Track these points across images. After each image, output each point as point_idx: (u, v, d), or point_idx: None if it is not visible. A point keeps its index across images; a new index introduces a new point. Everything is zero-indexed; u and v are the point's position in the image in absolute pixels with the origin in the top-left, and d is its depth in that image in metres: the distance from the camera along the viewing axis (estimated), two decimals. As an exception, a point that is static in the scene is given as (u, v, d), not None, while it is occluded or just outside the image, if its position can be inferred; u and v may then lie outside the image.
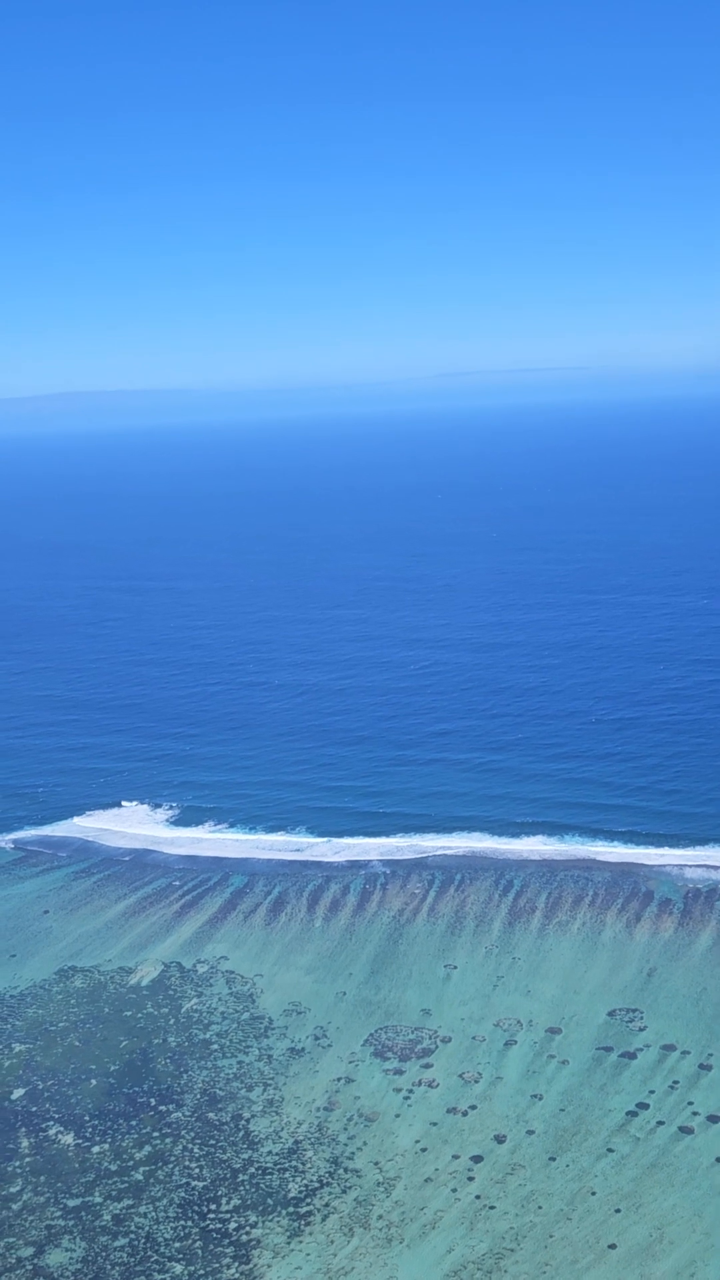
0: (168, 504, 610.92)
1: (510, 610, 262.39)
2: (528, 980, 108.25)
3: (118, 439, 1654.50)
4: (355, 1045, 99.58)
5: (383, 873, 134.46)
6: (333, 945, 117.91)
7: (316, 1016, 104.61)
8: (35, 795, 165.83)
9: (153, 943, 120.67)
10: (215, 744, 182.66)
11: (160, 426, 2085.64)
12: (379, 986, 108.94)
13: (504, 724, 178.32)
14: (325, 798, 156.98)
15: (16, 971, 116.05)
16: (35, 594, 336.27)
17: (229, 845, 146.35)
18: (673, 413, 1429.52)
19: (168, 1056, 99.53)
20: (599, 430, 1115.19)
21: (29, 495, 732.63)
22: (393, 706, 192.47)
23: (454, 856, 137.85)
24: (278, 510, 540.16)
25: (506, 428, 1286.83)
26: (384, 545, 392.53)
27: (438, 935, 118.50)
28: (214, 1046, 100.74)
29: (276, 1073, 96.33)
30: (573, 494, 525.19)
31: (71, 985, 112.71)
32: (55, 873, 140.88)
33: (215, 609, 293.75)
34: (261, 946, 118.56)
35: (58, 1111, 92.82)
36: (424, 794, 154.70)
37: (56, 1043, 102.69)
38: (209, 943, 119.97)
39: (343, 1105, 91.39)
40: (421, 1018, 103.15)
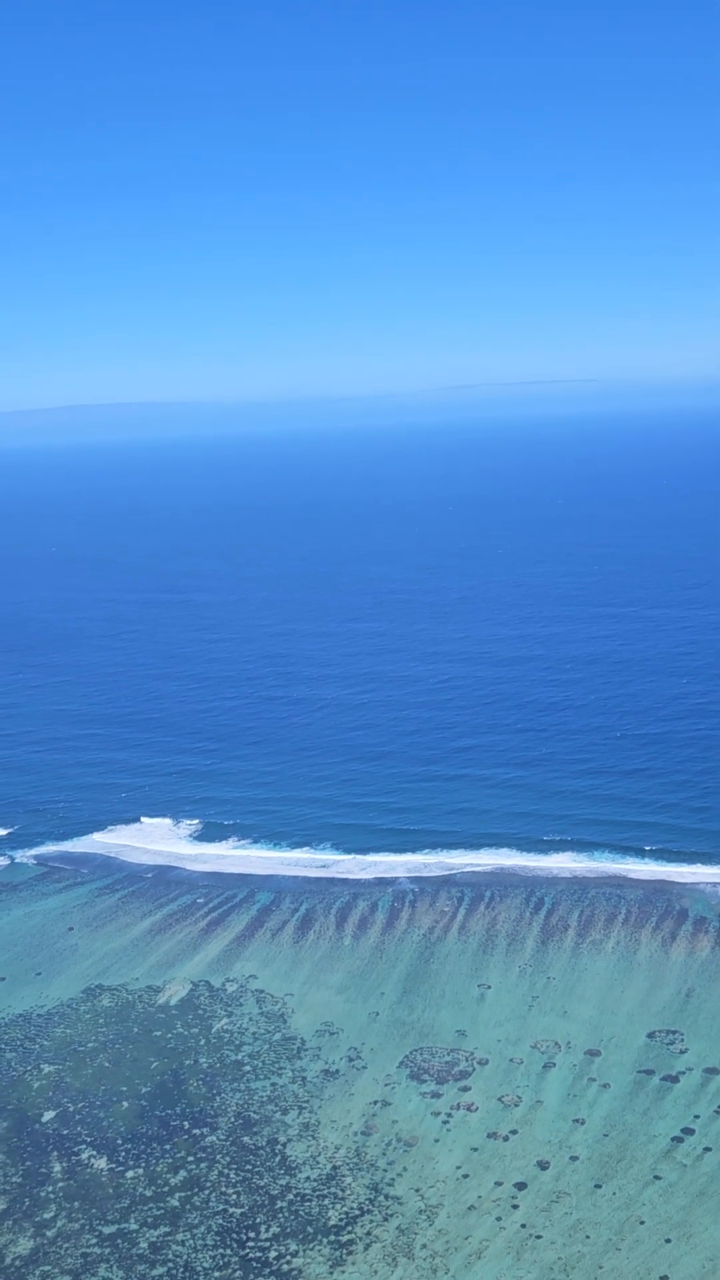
0: (178, 517, 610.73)
1: (528, 624, 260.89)
2: (564, 1001, 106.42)
3: (127, 452, 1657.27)
4: (390, 1067, 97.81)
5: (411, 890, 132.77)
6: (363, 964, 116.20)
7: (350, 1037, 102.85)
8: (55, 811, 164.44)
9: (180, 961, 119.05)
10: (235, 759, 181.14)
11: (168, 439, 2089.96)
12: (412, 1006, 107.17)
13: (528, 739, 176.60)
14: (349, 814, 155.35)
15: (43, 990, 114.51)
16: (51, 606, 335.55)
17: (253, 861, 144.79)
18: (685, 425, 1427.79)
19: (199, 1078, 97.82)
20: (609, 442, 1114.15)
21: (42, 507, 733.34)
22: (414, 722, 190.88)
23: (482, 873, 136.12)
24: (289, 522, 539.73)
25: (516, 440, 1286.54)
26: (397, 558, 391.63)
27: (469, 954, 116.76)
28: (246, 1068, 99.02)
29: (311, 1095, 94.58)
30: (585, 506, 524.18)
31: (99, 1004, 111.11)
32: (79, 889, 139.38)
33: (230, 622, 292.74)
34: (291, 965, 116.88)
35: (90, 1135, 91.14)
36: (450, 810, 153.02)
37: (86, 1063, 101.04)
38: (237, 961, 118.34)
39: (380, 1129, 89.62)
40: (457, 1039, 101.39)
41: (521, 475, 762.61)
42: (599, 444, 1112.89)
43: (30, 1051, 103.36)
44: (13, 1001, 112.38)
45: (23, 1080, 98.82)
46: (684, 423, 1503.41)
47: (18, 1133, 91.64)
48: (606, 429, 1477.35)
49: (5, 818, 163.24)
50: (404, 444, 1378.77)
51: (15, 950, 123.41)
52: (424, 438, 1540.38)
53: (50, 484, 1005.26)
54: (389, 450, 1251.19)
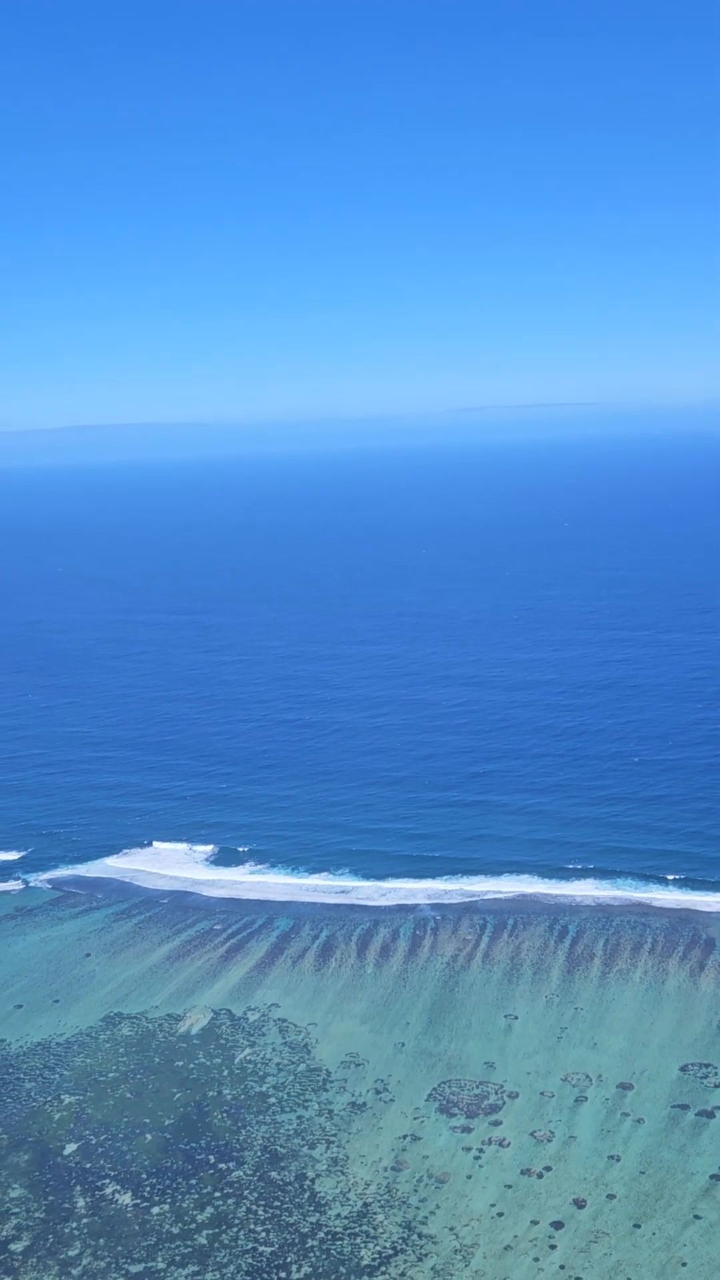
0: (184, 537, 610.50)
1: (540, 648, 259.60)
2: (593, 1032, 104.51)
3: (133, 472, 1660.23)
4: (419, 1100, 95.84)
5: (432, 917, 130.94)
6: (386, 993, 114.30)
7: (376, 1069, 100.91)
8: (68, 834, 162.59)
9: (200, 988, 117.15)
10: (249, 784, 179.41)
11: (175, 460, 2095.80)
12: (438, 1037, 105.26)
13: (545, 765, 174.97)
14: (367, 840, 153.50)
15: (61, 1018, 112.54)
16: (60, 626, 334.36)
17: (271, 887, 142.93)
18: (688, 448, 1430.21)
19: (224, 1110, 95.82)
20: (612, 465, 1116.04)
21: (47, 527, 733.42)
22: (429, 746, 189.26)
23: (504, 900, 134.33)
24: (294, 543, 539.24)
25: (520, 462, 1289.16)
26: (406, 580, 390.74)
27: (494, 983, 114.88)
28: (271, 1100, 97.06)
29: (339, 1129, 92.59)
30: (591, 529, 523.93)
31: (119, 1033, 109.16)
32: (95, 914, 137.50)
33: (239, 644, 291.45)
34: (313, 993, 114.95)
35: (113, 1168, 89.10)
36: (468, 837, 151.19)
37: (107, 1094, 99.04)
38: (258, 989, 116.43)
39: (411, 1165, 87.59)
40: (485, 1071, 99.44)
41: (527, 498, 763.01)
42: (602, 467, 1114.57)
43: (50, 1081, 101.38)
44: (30, 1029, 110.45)
45: (43, 1111, 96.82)
46: (686, 446, 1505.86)
47: (39, 1166, 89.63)
48: (608, 452, 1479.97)
49: (18, 841, 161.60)
50: (410, 466, 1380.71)
51: (32, 976, 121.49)
52: (430, 460, 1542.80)
53: (55, 504, 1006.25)
54: (395, 472, 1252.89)
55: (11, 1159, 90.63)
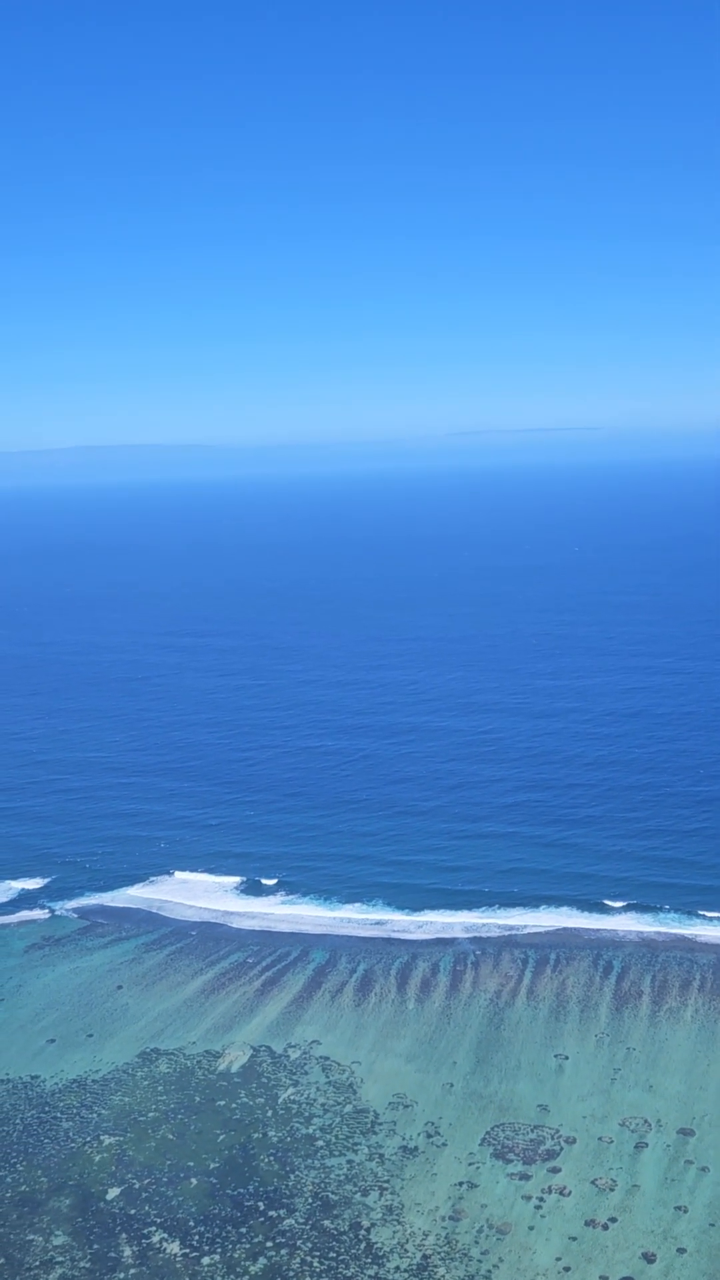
0: (190, 557, 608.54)
1: (562, 675, 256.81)
2: (647, 1074, 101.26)
3: (138, 492, 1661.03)
4: (472, 1145, 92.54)
5: (472, 950, 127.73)
6: (430, 1030, 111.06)
7: (425, 1111, 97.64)
8: (91, 863, 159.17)
9: (237, 1024, 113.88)
10: (274, 812, 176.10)
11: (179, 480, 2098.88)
12: (488, 1078, 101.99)
13: (577, 797, 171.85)
14: (398, 872, 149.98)
15: (96, 1054, 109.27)
16: (74, 648, 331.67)
17: (303, 919, 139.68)
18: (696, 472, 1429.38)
19: (270, 1154, 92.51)
20: (618, 489, 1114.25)
21: (56, 547, 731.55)
22: (457, 776, 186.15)
23: (544, 934, 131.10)
24: (302, 565, 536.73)
25: (524, 486, 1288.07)
26: (417, 604, 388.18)
27: (541, 1021, 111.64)
28: (319, 1143, 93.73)
29: (391, 1175, 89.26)
30: (600, 553, 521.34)
31: (156, 1070, 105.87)
32: (124, 944, 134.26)
33: (255, 668, 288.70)
34: (354, 1030, 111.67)
35: (159, 1215, 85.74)
36: (502, 870, 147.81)
37: (148, 1135, 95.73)
38: (297, 1025, 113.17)
39: (470, 1214, 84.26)
40: (539, 1115, 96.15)
41: (533, 522, 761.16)
42: (606, 491, 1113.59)
43: (88, 1121, 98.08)
44: (65, 1066, 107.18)
45: (82, 1153, 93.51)
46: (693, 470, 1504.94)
47: (82, 1211, 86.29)
48: (612, 476, 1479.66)
49: (41, 869, 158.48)
50: (413, 489, 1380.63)
51: (63, 1009, 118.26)
52: (432, 483, 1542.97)
53: (61, 524, 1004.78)
54: (398, 494, 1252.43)
55: (53, 1204, 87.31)
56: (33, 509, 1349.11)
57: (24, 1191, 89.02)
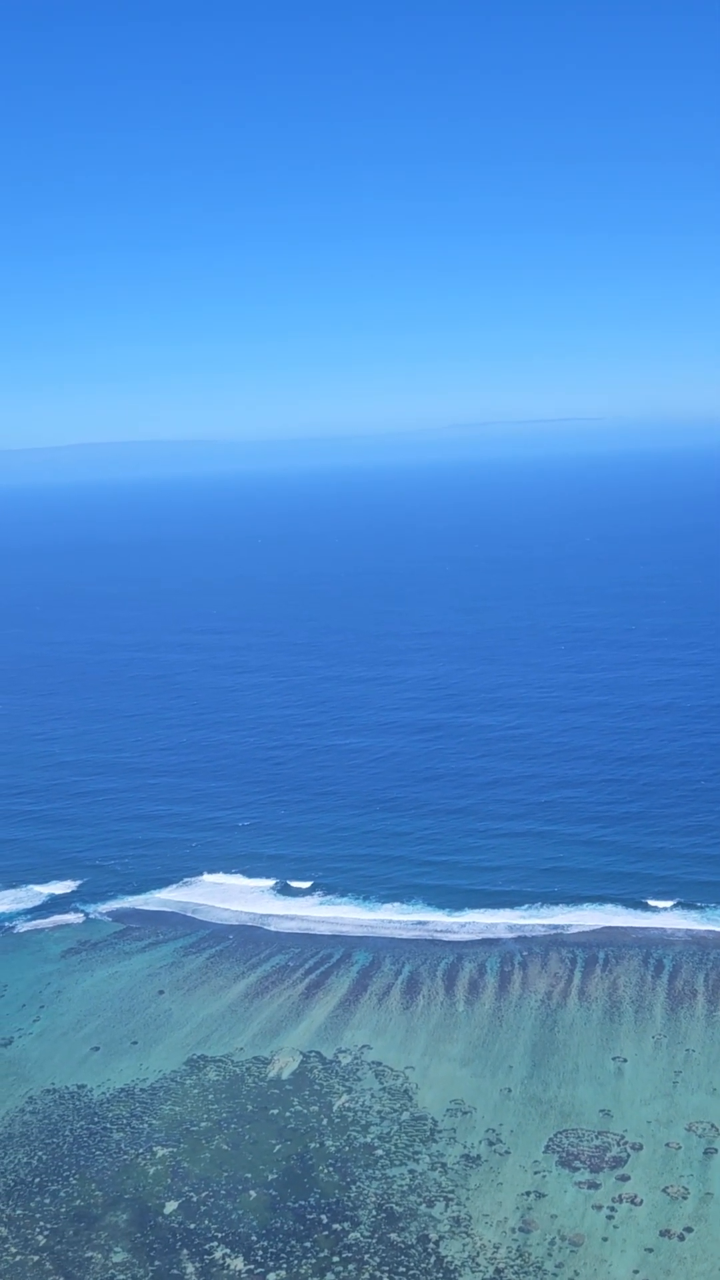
0: (198, 552, 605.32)
1: (588, 669, 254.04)
2: (710, 1076, 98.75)
3: (141, 488, 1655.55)
4: (536, 1152, 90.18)
5: (518, 950, 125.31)
6: (483, 1033, 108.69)
7: (484, 1117, 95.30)
8: (121, 866, 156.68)
9: (284, 1029, 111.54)
10: (304, 813, 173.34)
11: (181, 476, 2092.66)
12: (546, 1082, 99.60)
13: (613, 793, 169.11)
14: (436, 874, 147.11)
15: (142, 1061, 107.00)
16: (88, 647, 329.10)
17: (343, 920, 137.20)
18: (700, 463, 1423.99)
19: (329, 1164, 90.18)
20: (627, 478, 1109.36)
21: (63, 544, 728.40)
22: (489, 774, 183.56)
23: (590, 933, 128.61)
24: (309, 558, 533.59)
25: (530, 477, 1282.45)
26: (433, 597, 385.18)
27: (595, 1022, 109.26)
28: (378, 1152, 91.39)
29: (456, 1185, 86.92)
30: (614, 543, 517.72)
31: (205, 1077, 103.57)
32: (162, 948, 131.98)
33: (272, 665, 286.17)
34: (405, 1034, 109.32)
35: (219, 1230, 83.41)
36: (542, 869, 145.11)
37: (202, 1146, 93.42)
38: (346, 1029, 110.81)
39: (540, 1225, 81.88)
40: (603, 1120, 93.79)
41: (543, 513, 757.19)
42: (614, 481, 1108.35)
43: (139, 1132, 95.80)
44: (111, 1074, 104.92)
45: (137, 1165, 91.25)
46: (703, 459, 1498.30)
47: (140, 1226, 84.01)
48: (620, 465, 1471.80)
49: (69, 872, 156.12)
50: (418, 481, 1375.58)
51: (106, 1015, 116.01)
52: (437, 475, 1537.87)
53: (66, 521, 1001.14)
54: (403, 487, 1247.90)
55: (110, 1219, 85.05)
56: (37, 506, 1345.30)
57: (79, 1206, 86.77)
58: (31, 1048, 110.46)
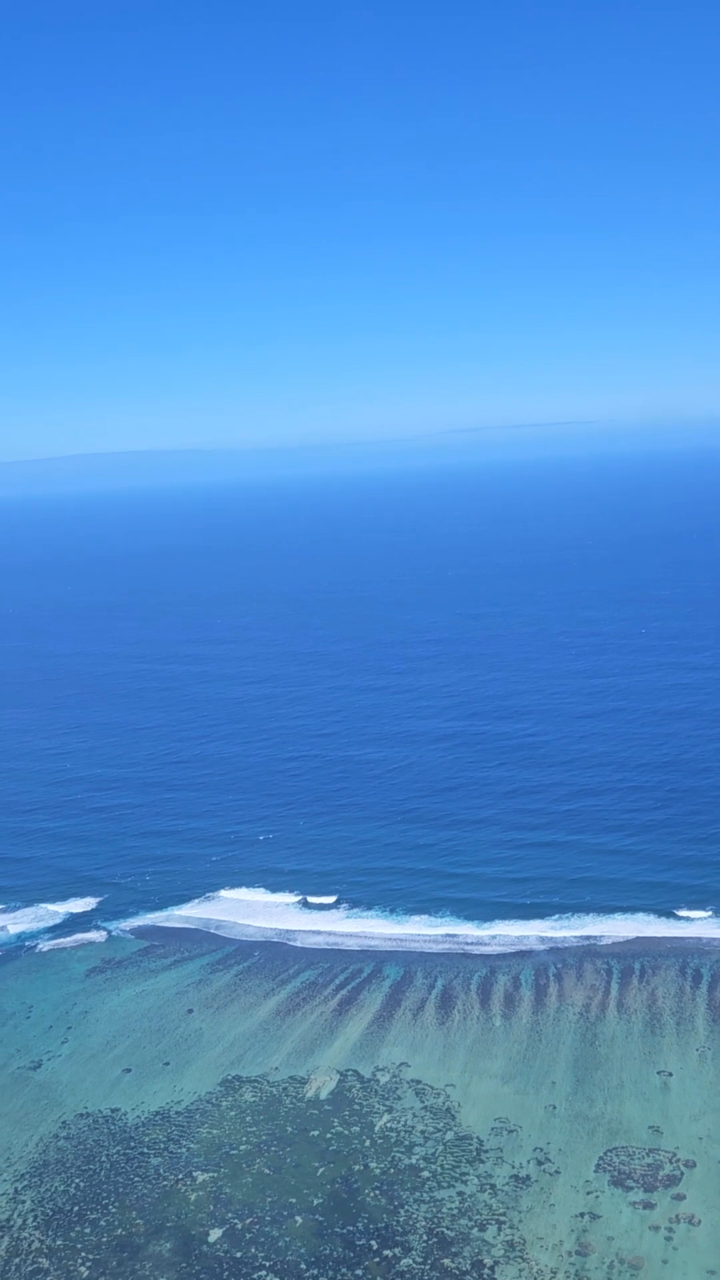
0: (199, 562, 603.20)
1: (601, 675, 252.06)
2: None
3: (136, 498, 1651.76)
4: (587, 1172, 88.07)
5: (551, 962, 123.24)
6: (522, 1048, 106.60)
7: (531, 1136, 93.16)
8: (139, 883, 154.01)
9: (319, 1047, 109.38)
10: (324, 826, 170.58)
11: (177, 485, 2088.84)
12: (591, 1099, 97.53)
13: (638, 801, 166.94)
14: (463, 886, 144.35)
15: (176, 1082, 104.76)
16: (96, 659, 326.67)
17: (370, 934, 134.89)
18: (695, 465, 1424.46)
19: (375, 1187, 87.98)
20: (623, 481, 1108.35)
21: (61, 556, 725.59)
22: (508, 783, 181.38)
23: (623, 943, 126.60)
24: (308, 567, 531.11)
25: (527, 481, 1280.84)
26: (439, 604, 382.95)
27: (637, 1035, 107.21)
28: (424, 1174, 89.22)
29: (507, 1207, 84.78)
30: (616, 547, 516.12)
31: (241, 1099, 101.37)
32: (187, 965, 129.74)
33: (280, 676, 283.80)
34: (443, 1050, 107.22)
35: (267, 1258, 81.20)
36: (570, 880, 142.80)
37: (243, 1170, 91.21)
38: (382, 1046, 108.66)
39: (597, 1248, 79.76)
40: (653, 1137, 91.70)
41: (542, 517, 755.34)
42: (612, 483, 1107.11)
43: (178, 1156, 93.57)
44: (145, 1097, 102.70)
45: (177, 1191, 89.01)
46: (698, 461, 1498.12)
47: (185, 1256, 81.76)
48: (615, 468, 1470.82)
49: (86, 890, 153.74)
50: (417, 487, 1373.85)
51: (135, 1036, 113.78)
52: (433, 480, 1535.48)
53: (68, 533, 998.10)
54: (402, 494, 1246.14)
55: (153, 1249, 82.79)
56: (35, 518, 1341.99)
57: (120, 1235, 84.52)
58: (61, 1070, 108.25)
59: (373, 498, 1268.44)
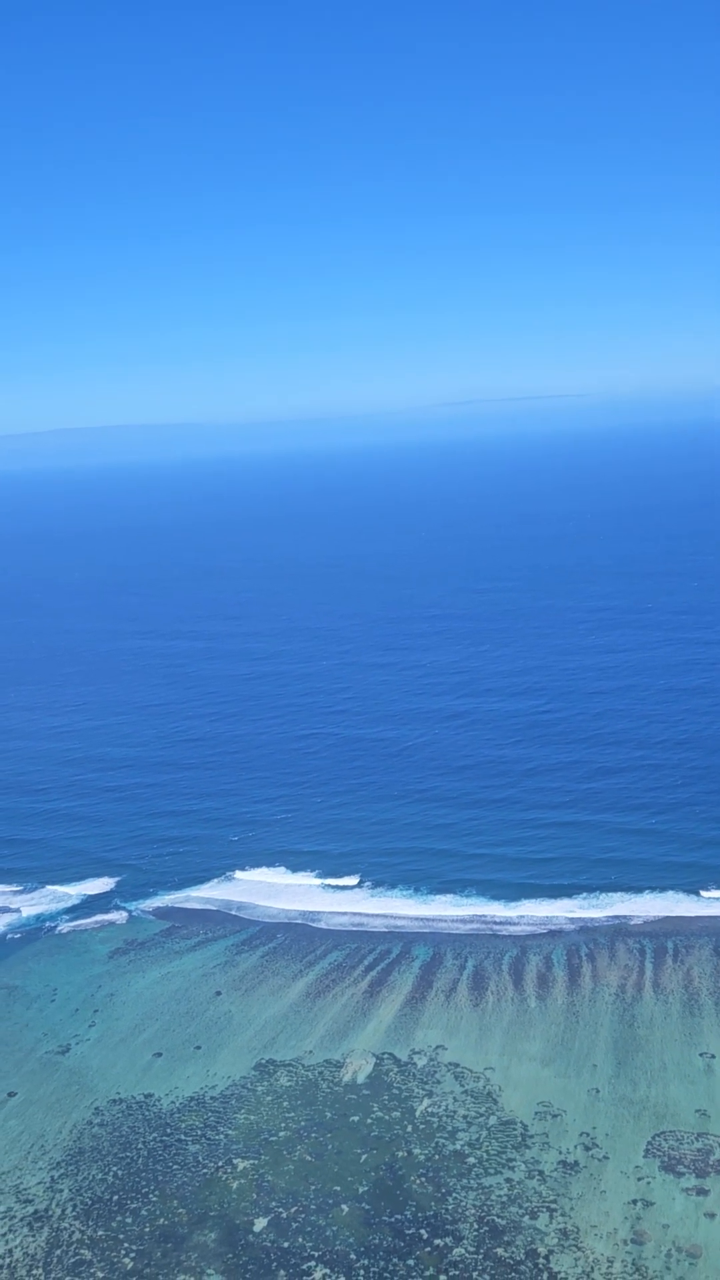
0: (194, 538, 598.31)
1: (611, 651, 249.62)
2: None
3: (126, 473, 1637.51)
4: (636, 1157, 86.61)
5: (582, 942, 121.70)
6: (560, 1030, 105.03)
7: (576, 1120, 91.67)
8: (152, 865, 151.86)
9: (352, 1030, 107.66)
10: (340, 806, 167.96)
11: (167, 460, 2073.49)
12: (634, 1082, 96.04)
13: (660, 779, 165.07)
14: (487, 867, 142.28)
15: (208, 1067, 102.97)
16: (97, 635, 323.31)
17: (396, 915, 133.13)
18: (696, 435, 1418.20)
19: (420, 1174, 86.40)
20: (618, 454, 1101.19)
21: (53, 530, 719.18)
22: (526, 762, 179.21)
23: (654, 922, 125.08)
24: (308, 540, 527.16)
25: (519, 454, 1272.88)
26: (441, 578, 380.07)
27: (675, 1016, 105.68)
28: (470, 1160, 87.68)
29: (557, 1194, 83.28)
30: (615, 520, 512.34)
31: (277, 1083, 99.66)
32: (212, 946, 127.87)
33: (288, 653, 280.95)
34: (479, 1032, 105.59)
35: (315, 1248, 79.56)
36: (595, 860, 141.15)
37: (284, 1157, 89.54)
38: (417, 1029, 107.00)
39: (653, 1236, 78.30)
40: (700, 1120, 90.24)
41: (539, 491, 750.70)
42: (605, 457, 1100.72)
43: (216, 1144, 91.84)
44: (178, 1082, 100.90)
45: (218, 1180, 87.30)
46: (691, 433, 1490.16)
47: (231, 1246, 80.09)
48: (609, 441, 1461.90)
49: (104, 871, 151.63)
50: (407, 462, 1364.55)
51: (164, 1019, 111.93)
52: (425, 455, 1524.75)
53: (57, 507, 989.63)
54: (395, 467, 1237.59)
55: (198, 1239, 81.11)
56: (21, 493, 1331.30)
57: (163, 1225, 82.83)
58: (91, 1055, 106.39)
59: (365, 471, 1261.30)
